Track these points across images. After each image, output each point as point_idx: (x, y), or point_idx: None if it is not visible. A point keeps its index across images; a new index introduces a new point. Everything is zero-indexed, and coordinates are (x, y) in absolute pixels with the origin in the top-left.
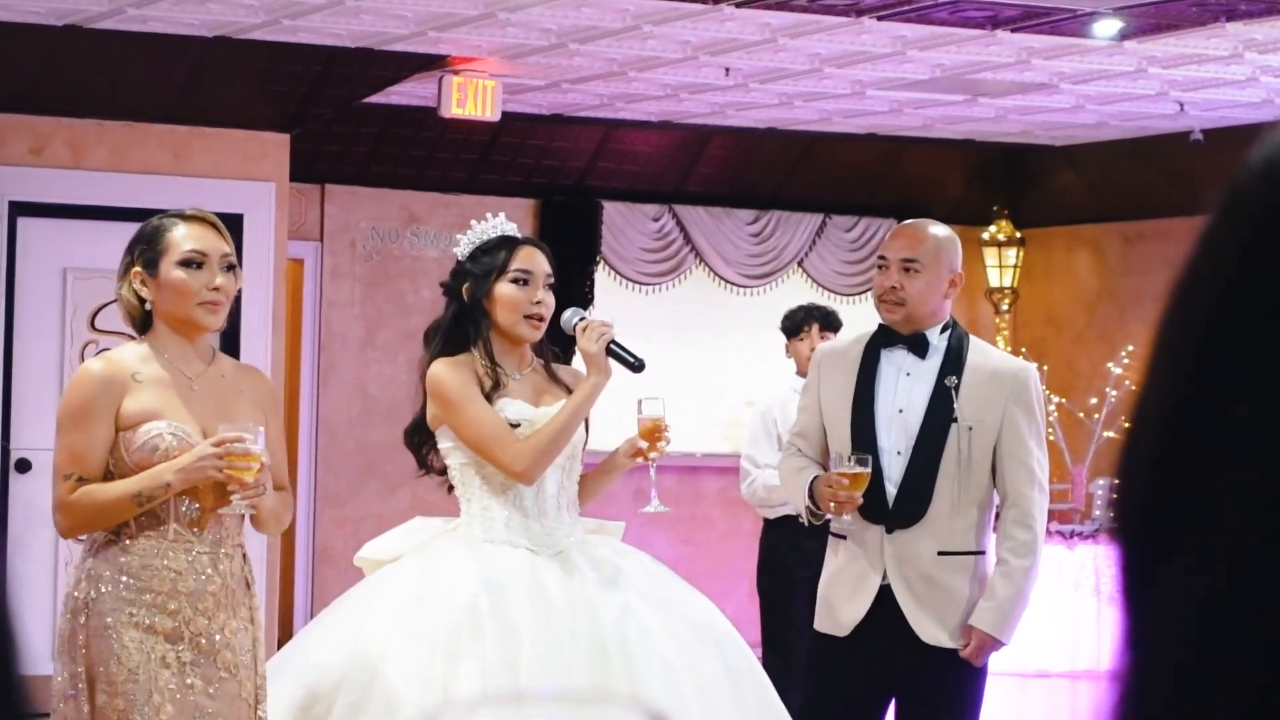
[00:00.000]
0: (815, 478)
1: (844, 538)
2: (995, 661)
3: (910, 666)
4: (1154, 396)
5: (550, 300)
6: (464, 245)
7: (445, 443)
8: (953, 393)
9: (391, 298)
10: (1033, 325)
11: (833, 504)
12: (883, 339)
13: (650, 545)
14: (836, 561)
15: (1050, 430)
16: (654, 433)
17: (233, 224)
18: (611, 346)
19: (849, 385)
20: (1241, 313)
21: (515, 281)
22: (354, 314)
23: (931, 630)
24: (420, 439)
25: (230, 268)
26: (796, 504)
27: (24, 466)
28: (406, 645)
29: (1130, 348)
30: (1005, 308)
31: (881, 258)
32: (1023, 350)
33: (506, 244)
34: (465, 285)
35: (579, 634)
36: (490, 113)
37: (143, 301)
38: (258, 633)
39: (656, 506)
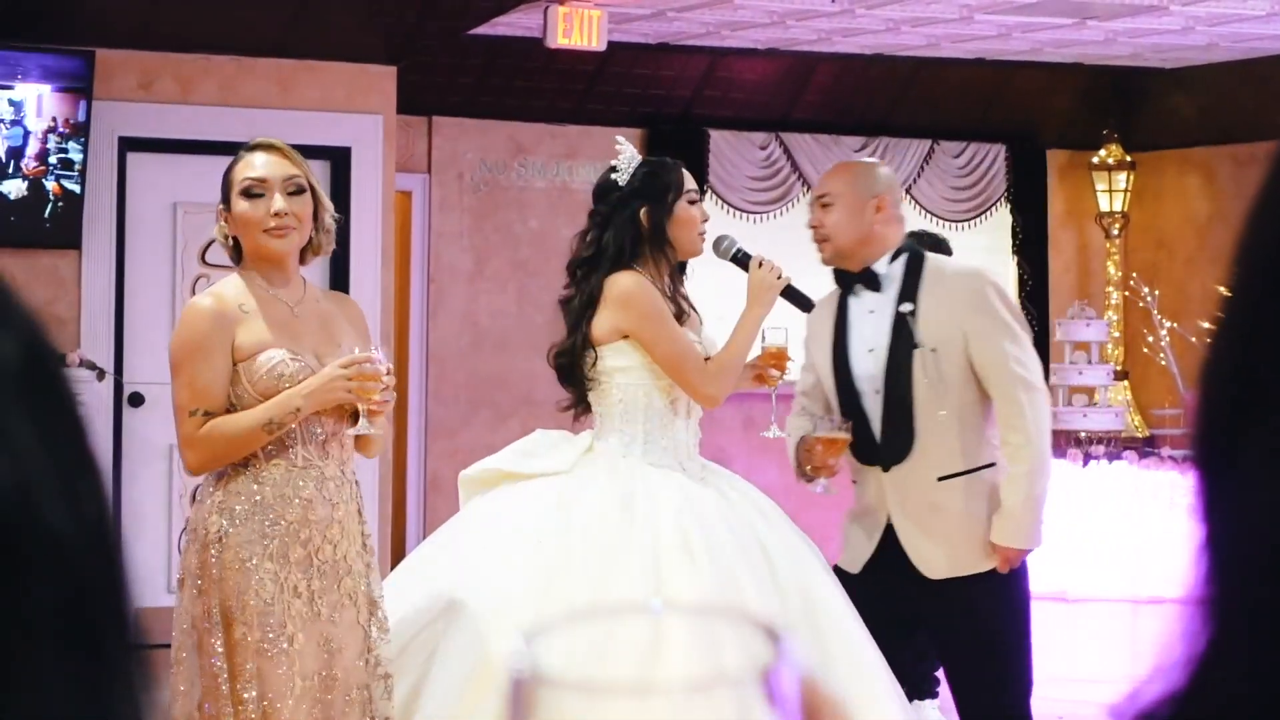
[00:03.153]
0: (801, 439)
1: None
2: (1107, 588)
3: (929, 603)
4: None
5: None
6: (623, 171)
7: (619, 359)
8: (909, 319)
9: (500, 228)
10: (1143, 250)
11: (808, 469)
12: (841, 282)
13: (763, 474)
14: (855, 501)
15: (1161, 354)
16: (778, 359)
17: (341, 157)
18: (791, 287)
19: (829, 335)
20: None
21: (692, 202)
22: (463, 246)
23: (937, 564)
24: (580, 359)
25: (300, 190)
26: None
27: (137, 401)
28: (537, 558)
29: None
30: (1116, 232)
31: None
32: (1134, 275)
33: (671, 166)
34: (644, 209)
35: (748, 549)
36: (596, 42)
37: (227, 237)
38: (370, 559)
39: (775, 432)
